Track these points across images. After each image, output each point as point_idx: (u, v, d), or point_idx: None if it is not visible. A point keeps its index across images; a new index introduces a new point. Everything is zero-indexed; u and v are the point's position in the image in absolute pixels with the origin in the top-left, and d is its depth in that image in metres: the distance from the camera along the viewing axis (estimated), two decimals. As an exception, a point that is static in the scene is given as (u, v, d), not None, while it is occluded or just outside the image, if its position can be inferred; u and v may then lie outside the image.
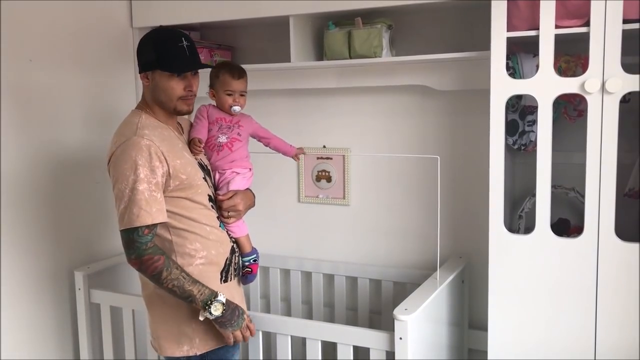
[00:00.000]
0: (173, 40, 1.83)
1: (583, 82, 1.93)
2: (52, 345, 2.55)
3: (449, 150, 2.58)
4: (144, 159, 1.74)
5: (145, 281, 1.94)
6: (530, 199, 2.34)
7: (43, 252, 2.48)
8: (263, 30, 2.87)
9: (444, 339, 2.32)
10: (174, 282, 1.79)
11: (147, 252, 1.76)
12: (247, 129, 2.11)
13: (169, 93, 1.85)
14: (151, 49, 1.84)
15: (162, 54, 1.82)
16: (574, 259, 2.01)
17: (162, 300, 1.90)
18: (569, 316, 2.03)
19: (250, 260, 2.09)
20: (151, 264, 1.76)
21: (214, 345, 1.92)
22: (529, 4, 2.00)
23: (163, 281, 1.78)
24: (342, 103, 2.79)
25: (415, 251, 2.71)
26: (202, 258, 1.89)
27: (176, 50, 1.82)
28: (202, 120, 2.06)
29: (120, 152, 1.77)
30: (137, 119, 1.85)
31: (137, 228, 1.74)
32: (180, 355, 1.91)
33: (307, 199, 2.92)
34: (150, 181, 1.75)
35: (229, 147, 2.04)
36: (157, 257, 1.77)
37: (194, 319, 1.88)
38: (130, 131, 1.81)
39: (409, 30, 2.59)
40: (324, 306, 2.88)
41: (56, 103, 2.51)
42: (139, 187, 1.73)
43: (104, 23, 2.71)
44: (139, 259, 1.76)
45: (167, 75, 1.83)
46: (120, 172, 1.76)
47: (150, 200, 1.74)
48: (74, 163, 2.57)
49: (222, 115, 2.08)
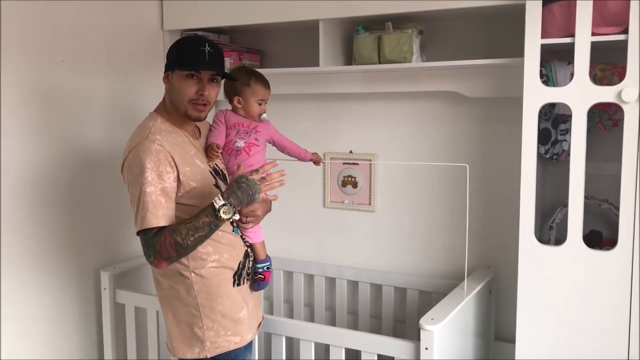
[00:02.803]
0: (196, 44, 1.85)
1: (619, 91, 1.88)
2: (76, 345, 2.57)
3: (478, 158, 2.55)
4: (152, 162, 1.76)
5: (159, 281, 1.95)
6: (561, 210, 2.29)
7: (69, 252, 2.51)
8: (292, 35, 2.87)
9: (469, 351, 2.28)
10: (190, 236, 1.73)
11: (155, 243, 1.74)
12: (264, 134, 2.10)
13: (181, 94, 1.84)
14: (174, 50, 1.88)
15: (181, 54, 1.85)
16: (607, 273, 1.95)
17: (177, 301, 1.91)
18: (600, 332, 1.98)
19: (263, 267, 2.06)
20: (166, 247, 1.73)
21: (226, 348, 1.92)
22: (565, 11, 1.96)
23: (185, 245, 1.74)
24: (370, 108, 2.77)
25: (442, 260, 2.68)
26: (215, 261, 1.89)
27: (197, 52, 1.83)
28: (220, 125, 2.06)
29: (131, 157, 1.80)
30: (151, 123, 1.87)
31: (144, 230, 1.75)
32: (192, 357, 1.91)
33: (333, 204, 2.91)
34: (156, 185, 1.76)
35: (247, 152, 2.04)
36: (163, 237, 1.74)
37: (205, 322, 1.89)
38: (142, 136, 1.82)
39: (440, 35, 2.56)
40: (348, 313, 2.86)
41: (86, 104, 2.54)
42: (147, 190, 1.74)
43: (135, 26, 2.73)
44: (157, 255, 1.75)
45: (183, 75, 1.83)
46: (132, 176, 1.78)
47: (157, 204, 1.75)
48: (102, 164, 2.59)
49: (240, 120, 2.08)
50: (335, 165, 2.87)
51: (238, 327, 1.94)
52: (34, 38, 2.31)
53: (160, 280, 1.95)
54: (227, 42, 2.89)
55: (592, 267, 1.98)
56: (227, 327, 1.91)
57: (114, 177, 2.62)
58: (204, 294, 1.89)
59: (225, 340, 1.91)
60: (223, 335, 1.91)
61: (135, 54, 2.74)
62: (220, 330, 1.90)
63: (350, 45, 2.59)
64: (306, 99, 2.89)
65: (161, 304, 1.98)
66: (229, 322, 1.91)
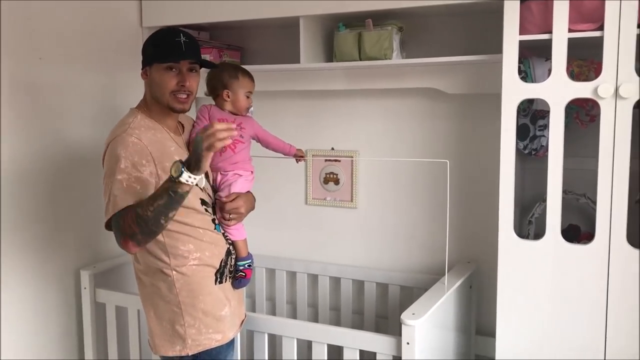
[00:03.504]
0: (171, 36, 1.85)
1: (596, 87, 1.90)
2: (56, 345, 2.54)
3: (458, 154, 2.56)
4: (128, 153, 1.76)
5: (141, 279, 1.94)
6: (540, 205, 2.32)
7: (49, 251, 2.48)
8: (272, 31, 2.86)
9: (451, 345, 2.30)
10: (149, 206, 1.66)
11: (120, 220, 1.71)
12: (248, 130, 2.10)
13: (162, 87, 1.84)
14: (150, 44, 1.88)
15: (157, 48, 1.84)
16: (585, 266, 1.98)
17: (158, 298, 1.90)
18: (578, 324, 2.01)
19: (245, 265, 2.06)
20: (129, 224, 1.69)
21: (207, 346, 1.91)
22: (542, 8, 1.98)
23: (145, 217, 1.67)
24: (351, 105, 2.78)
25: (423, 255, 2.69)
26: (196, 259, 1.89)
27: (173, 43, 1.83)
28: (203, 121, 2.06)
29: (109, 150, 1.80)
30: (131, 119, 1.86)
31: (114, 214, 1.73)
32: (173, 354, 1.91)
33: (315, 202, 2.91)
34: (130, 173, 1.75)
35: (232, 149, 2.03)
36: (126, 212, 1.70)
37: (187, 319, 1.88)
38: (121, 130, 1.82)
39: (420, 32, 2.57)
40: (330, 309, 2.86)
41: (64, 101, 2.51)
42: (118, 177, 1.74)
43: (114, 22, 2.71)
44: (123, 235, 1.72)
45: (162, 68, 1.83)
46: (107, 168, 1.79)
47: (128, 190, 1.73)
48: (81, 162, 2.56)
49: (225, 116, 2.07)
50: (317, 162, 2.87)
51: (220, 324, 1.93)
52: (13, 35, 2.27)
53: (142, 278, 1.94)
54: (207, 39, 2.88)
55: (570, 260, 2.00)
56: (209, 324, 1.91)
57: (94, 175, 2.60)
58: (186, 292, 1.88)
59: (206, 338, 1.90)
60: (205, 333, 1.90)
61: (115, 50, 2.71)
62: (202, 327, 1.89)
63: (330, 42, 2.59)
64: (287, 96, 2.89)
65: (143, 302, 1.97)
66: (210, 320, 1.91)
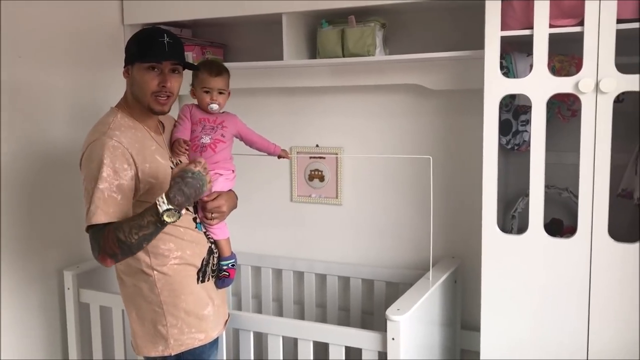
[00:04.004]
0: (154, 35, 1.83)
1: (577, 82, 1.92)
2: (40, 346, 2.52)
3: (442, 150, 2.57)
4: (109, 158, 1.73)
5: (122, 280, 1.93)
6: (523, 199, 2.33)
7: (31, 252, 2.45)
8: (256, 28, 2.85)
9: (436, 340, 2.31)
10: (133, 234, 1.67)
11: (100, 239, 1.72)
12: (231, 129, 2.07)
13: (143, 87, 1.82)
14: (133, 43, 1.85)
15: (141, 47, 1.82)
16: (567, 259, 2.00)
17: (140, 299, 1.89)
18: (561, 317, 2.03)
19: (228, 264, 2.05)
20: (109, 244, 1.70)
21: (190, 345, 1.90)
22: (524, 3, 1.99)
23: (129, 243, 1.68)
24: (335, 102, 2.77)
25: (408, 251, 2.70)
26: (177, 258, 1.87)
27: (156, 44, 1.81)
28: (184, 120, 2.04)
29: (88, 152, 1.77)
30: (111, 119, 1.84)
31: (91, 226, 1.72)
32: (156, 355, 1.90)
33: (300, 199, 2.91)
34: (112, 182, 1.73)
35: (212, 149, 2.01)
36: (106, 232, 1.70)
37: (169, 319, 1.87)
38: (100, 131, 1.79)
39: (403, 29, 2.58)
40: (316, 306, 2.86)
41: (45, 100, 2.48)
42: (100, 186, 1.72)
43: (95, 20, 2.68)
44: (102, 252, 1.72)
45: (144, 68, 1.81)
46: (87, 172, 1.76)
47: (109, 200, 1.72)
48: (62, 161, 2.54)
49: (206, 115, 2.05)
50: (301, 159, 2.87)
51: (202, 324, 1.92)
52: (-11, 33, 2.25)
53: (123, 279, 1.92)
54: (190, 37, 2.86)
55: (553, 254, 2.02)
56: (191, 324, 1.90)
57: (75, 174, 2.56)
58: (167, 292, 1.87)
59: (189, 338, 1.90)
60: (187, 333, 1.89)
61: (96, 48, 2.68)
62: (184, 327, 1.88)
63: (314, 39, 2.59)
64: (271, 93, 2.88)
65: (125, 303, 1.96)
66: (193, 319, 1.90)
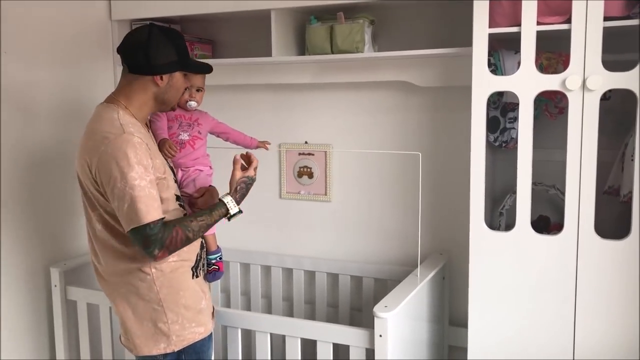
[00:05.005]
0: (184, 41, 1.89)
1: (564, 80, 1.93)
2: (27, 344, 2.50)
3: (430, 146, 2.58)
4: (138, 156, 1.71)
5: (108, 281, 1.90)
6: (510, 196, 2.34)
7: (17, 249, 2.43)
8: (244, 25, 2.84)
9: (424, 336, 2.32)
10: (200, 232, 1.82)
11: (164, 238, 1.73)
12: (205, 126, 2.12)
13: (180, 91, 1.90)
14: (172, 50, 1.82)
15: (182, 55, 1.85)
16: (554, 256, 2.01)
17: (137, 298, 1.87)
18: (548, 313, 2.04)
19: (216, 258, 2.11)
20: (176, 243, 1.76)
21: (191, 340, 1.90)
22: (511, 1, 1.99)
23: (193, 239, 1.81)
24: (324, 99, 2.77)
25: (397, 248, 2.70)
26: (175, 255, 1.86)
27: (187, 50, 1.89)
28: (161, 117, 2.04)
29: (112, 151, 1.71)
30: (115, 115, 1.79)
31: (148, 224, 1.70)
32: (157, 353, 1.88)
33: (289, 195, 2.90)
34: (145, 178, 1.72)
35: (192, 145, 2.05)
36: (174, 232, 1.75)
37: (170, 316, 1.86)
38: (116, 128, 1.74)
39: (392, 25, 2.58)
40: (305, 303, 2.86)
41: (30, 97, 2.46)
42: (141, 184, 1.70)
43: (82, 15, 2.66)
44: (163, 249, 1.74)
45: (183, 75, 1.88)
46: (117, 171, 1.69)
47: (150, 197, 1.72)
48: (49, 158, 2.52)
49: (181, 112, 2.08)
50: (290, 155, 2.87)
51: (201, 317, 1.93)
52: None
53: (109, 280, 1.90)
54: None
55: (540, 251, 2.03)
56: (191, 318, 1.90)
57: (62, 171, 2.57)
58: (166, 289, 1.86)
59: (190, 332, 1.90)
60: (188, 328, 1.89)
61: (83, 44, 2.66)
62: (185, 323, 1.88)
63: (302, 35, 2.58)
64: (260, 90, 2.87)
65: (116, 303, 1.92)
66: (192, 314, 1.90)
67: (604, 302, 1.96)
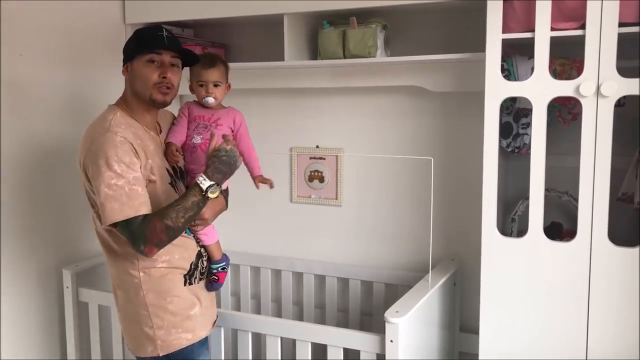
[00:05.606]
0: (153, 30, 1.88)
1: (578, 85, 1.92)
2: (38, 345, 2.51)
3: (442, 152, 2.57)
4: (119, 155, 1.73)
5: (114, 279, 1.94)
6: (523, 202, 2.33)
7: (29, 250, 2.45)
8: (257, 29, 2.85)
9: (434, 342, 2.31)
10: (180, 218, 1.74)
11: (145, 231, 1.72)
12: (224, 129, 1.98)
13: (144, 80, 1.84)
14: (133, 40, 1.89)
15: (140, 41, 1.86)
16: (567, 263, 2.00)
17: (126, 302, 1.89)
18: (560, 320, 2.02)
19: (218, 268, 2.03)
20: (157, 233, 1.73)
21: (178, 346, 1.89)
22: (525, 6, 1.99)
23: (176, 227, 1.75)
24: (336, 103, 2.77)
25: (407, 253, 2.70)
26: (165, 262, 1.87)
27: (155, 36, 1.86)
28: (182, 119, 2.01)
29: (95, 149, 1.76)
30: (110, 116, 1.85)
31: (128, 220, 1.72)
32: (145, 355, 1.90)
33: (300, 199, 2.90)
34: (128, 176, 1.73)
35: (202, 150, 1.94)
36: (152, 224, 1.72)
37: (155, 321, 1.87)
38: (103, 128, 1.80)
39: (404, 30, 2.57)
40: (315, 307, 2.86)
41: (45, 98, 2.48)
42: (118, 183, 1.72)
43: (97, 19, 2.68)
44: (148, 242, 1.73)
45: (144, 61, 1.84)
46: (97, 169, 1.74)
47: (132, 194, 1.73)
48: (62, 159, 2.53)
49: (202, 112, 2.00)
50: (302, 159, 2.87)
51: (189, 323, 1.91)
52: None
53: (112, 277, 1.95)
54: (191, 36, 2.86)
55: (552, 258, 2.01)
56: (178, 325, 1.89)
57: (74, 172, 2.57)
58: (153, 294, 1.87)
59: (176, 338, 1.89)
60: (174, 333, 1.89)
61: (97, 48, 2.68)
62: (170, 328, 1.88)
63: (315, 40, 2.59)
64: (272, 94, 2.88)
65: (117, 306, 1.98)
66: (179, 320, 1.89)
67: (617, 310, 1.94)
